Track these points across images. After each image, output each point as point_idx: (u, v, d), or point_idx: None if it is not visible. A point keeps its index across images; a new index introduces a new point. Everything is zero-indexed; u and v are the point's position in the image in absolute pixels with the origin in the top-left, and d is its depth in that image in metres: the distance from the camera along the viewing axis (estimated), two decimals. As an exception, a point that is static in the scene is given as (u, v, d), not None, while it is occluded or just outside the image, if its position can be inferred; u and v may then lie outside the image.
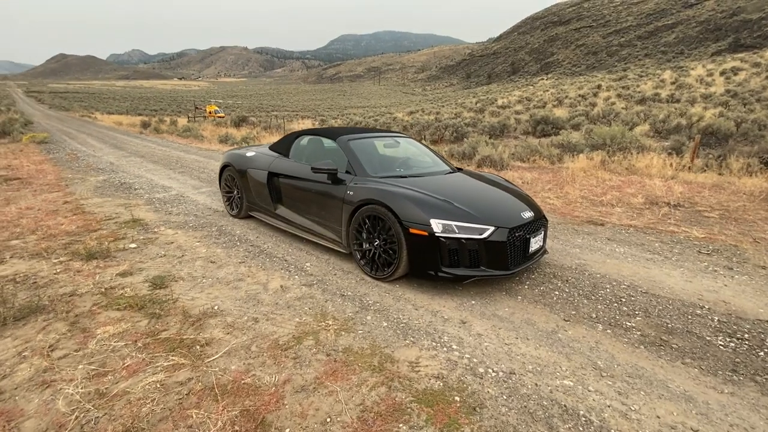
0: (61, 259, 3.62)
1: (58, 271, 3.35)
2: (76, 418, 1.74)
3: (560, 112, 23.76)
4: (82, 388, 1.93)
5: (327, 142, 4.26)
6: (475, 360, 2.25)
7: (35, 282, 3.14)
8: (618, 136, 11.45)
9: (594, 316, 2.78)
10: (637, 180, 7.77)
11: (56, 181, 7.63)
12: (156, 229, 4.60)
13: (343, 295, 3.03)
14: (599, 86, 32.79)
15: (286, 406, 1.86)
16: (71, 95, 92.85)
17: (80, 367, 2.10)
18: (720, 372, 2.18)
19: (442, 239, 2.92)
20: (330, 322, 2.61)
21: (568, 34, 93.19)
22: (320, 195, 3.78)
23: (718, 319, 2.71)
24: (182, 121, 31.99)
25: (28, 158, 10.59)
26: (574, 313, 2.82)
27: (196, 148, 14.58)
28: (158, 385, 1.97)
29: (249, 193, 4.78)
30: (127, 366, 2.11)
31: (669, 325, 2.65)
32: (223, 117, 40.51)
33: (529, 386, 2.04)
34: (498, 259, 3.01)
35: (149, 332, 2.44)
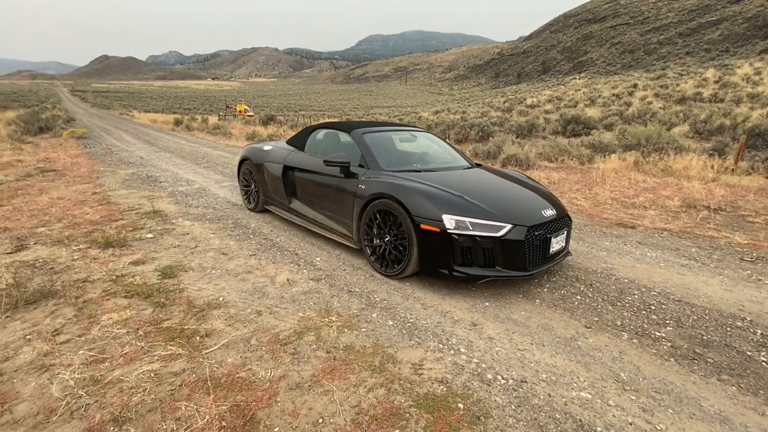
0: (81, 246, 3.70)
1: (75, 258, 3.43)
2: (67, 403, 1.72)
3: (592, 112, 22.83)
4: (78, 374, 1.92)
5: (343, 136, 4.18)
6: (483, 365, 2.09)
7: (52, 268, 3.21)
8: (654, 137, 10.84)
9: (619, 323, 2.55)
10: (673, 182, 7.29)
11: (88, 174, 7.94)
12: (174, 221, 4.66)
13: (351, 291, 2.94)
14: (635, 85, 31.28)
15: (279, 404, 1.77)
16: (112, 94, 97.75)
17: (80, 352, 2.10)
18: (762, 392, 1.93)
19: (455, 236, 2.76)
20: (334, 318, 2.52)
21: (603, 31, 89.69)
22: (332, 189, 3.70)
23: (762, 333, 2.42)
24: (213, 119, 32.98)
25: (66, 152, 11.13)
26: (596, 319, 2.60)
27: (223, 144, 14.92)
28: (152, 375, 1.93)
29: (265, 186, 4.77)
30: (125, 353, 2.09)
31: (704, 337, 2.40)
32: (253, 116, 41.48)
33: (542, 397, 1.87)
34: (515, 259, 2.83)
35: (152, 321, 2.42)
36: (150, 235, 4.08)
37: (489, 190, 3.28)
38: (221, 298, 2.75)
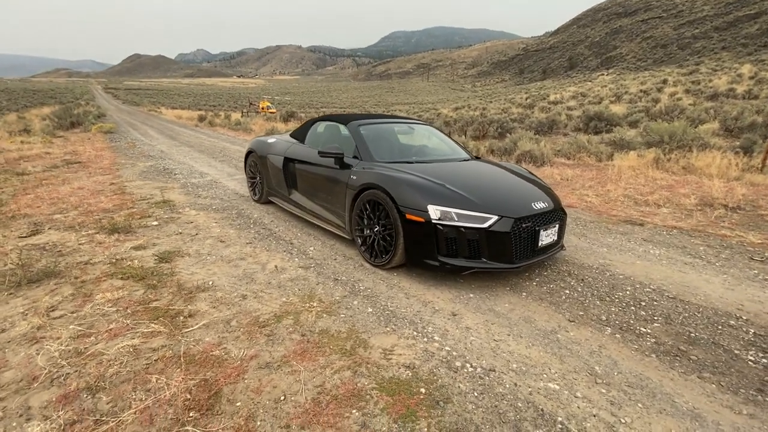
0: (89, 232, 3.89)
1: (82, 242, 3.61)
2: (49, 372, 1.84)
3: (617, 108, 22.06)
4: (64, 346, 2.04)
5: (342, 128, 4.22)
6: (454, 353, 2.09)
7: (60, 251, 3.39)
8: (678, 133, 10.39)
9: (604, 318, 2.49)
10: (693, 180, 6.99)
11: (110, 166, 8.30)
12: (181, 210, 4.82)
13: (337, 279, 2.98)
14: (665, 81, 30.00)
15: (245, 381, 1.83)
16: (142, 92, 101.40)
17: (70, 327, 2.22)
18: (742, 390, 1.85)
19: (440, 227, 2.76)
20: (315, 304, 2.56)
21: (633, 26, 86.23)
22: (327, 180, 3.75)
23: (755, 332, 2.31)
24: (236, 116, 33.68)
25: (92, 145, 11.66)
26: (581, 314, 2.55)
27: (242, 140, 15.25)
28: (131, 349, 2.02)
29: (268, 178, 4.87)
30: (111, 329, 2.20)
31: (692, 335, 2.31)
32: (275, 113, 42.15)
33: (507, 385, 1.86)
34: (501, 252, 2.80)
35: (141, 301, 2.53)
36: (155, 223, 4.24)
37: (480, 181, 3.25)
38: (211, 282, 2.84)
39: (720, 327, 2.38)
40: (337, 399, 1.73)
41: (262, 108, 51.48)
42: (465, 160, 3.90)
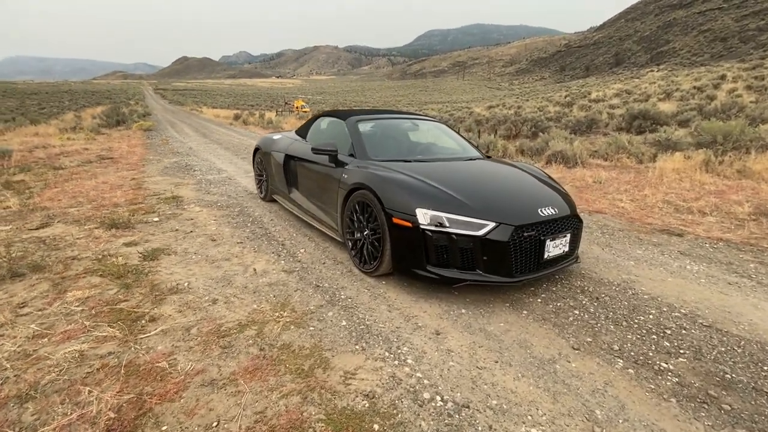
0: (90, 226, 3.92)
1: (80, 236, 3.62)
2: (-14, 376, 1.74)
3: (666, 106, 20.41)
4: (16, 347, 1.95)
5: (344, 124, 4.00)
6: (425, 381, 1.80)
7: (56, 244, 3.41)
8: (735, 133, 9.35)
9: (617, 348, 2.10)
10: (749, 185, 6.20)
11: (137, 162, 8.57)
12: (186, 206, 4.80)
13: (318, 286, 2.75)
14: (723, 77, 27.45)
15: (182, 400, 1.64)
16: (188, 92, 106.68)
17: (31, 326, 2.14)
18: (787, 460, 1.43)
19: (429, 233, 2.46)
20: (286, 314, 2.35)
21: (689, 18, 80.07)
22: (322, 178, 3.55)
23: (812, 379, 1.85)
24: (270, 115, 34.51)
25: (128, 142, 12.19)
26: (589, 340, 2.17)
27: (269, 137, 15.47)
28: (78, 354, 1.90)
29: (271, 176, 4.75)
30: (67, 331, 2.09)
31: (727, 376, 1.88)
32: (308, 111, 42.86)
33: (479, 428, 1.55)
34: (499, 263, 2.46)
35: (110, 301, 2.43)
36: (156, 219, 4.22)
37: (482, 183, 2.91)
38: (187, 284, 2.71)
39: (766, 368, 1.93)
40: (274, 430, 1.50)
41: (296, 107, 52.53)
42: (472, 159, 3.56)
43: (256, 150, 5.24)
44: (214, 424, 1.53)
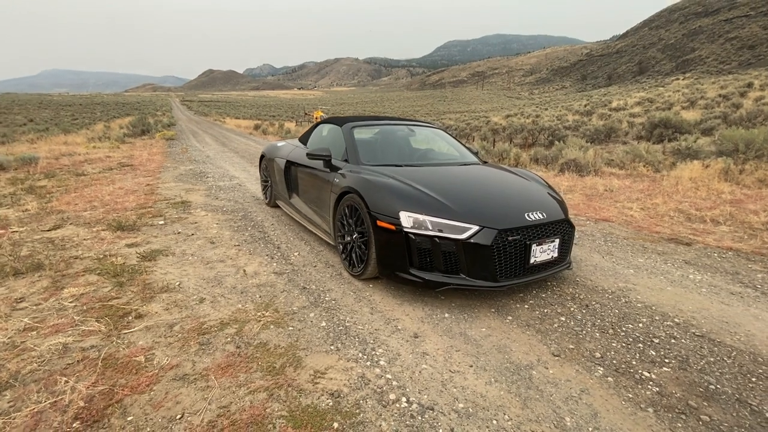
0: (99, 228, 4.08)
1: (87, 238, 3.77)
2: (-26, 364, 1.83)
3: (689, 115, 19.78)
4: (5, 338, 2.05)
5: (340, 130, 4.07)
6: (394, 383, 1.79)
7: (64, 245, 3.57)
8: (758, 141, 8.99)
9: (598, 355, 2.04)
10: (769, 194, 5.93)
11: (155, 169, 8.89)
12: (192, 211, 4.94)
13: (305, 288, 2.78)
14: (750, 85, 26.47)
15: (151, 393, 1.69)
16: (213, 104, 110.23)
17: (24, 320, 2.25)
18: (761, 476, 1.35)
19: (412, 236, 2.46)
20: (268, 314, 2.39)
21: (715, 25, 77.75)
22: (316, 182, 3.60)
23: (803, 393, 1.74)
24: (289, 125, 35.27)
25: (149, 150, 12.67)
26: (571, 347, 2.11)
27: (284, 146, 15.79)
28: (61, 347, 1.98)
29: (274, 181, 4.85)
30: (56, 324, 2.18)
31: (711, 386, 1.79)
32: (326, 121, 43.52)
33: (441, 430, 1.52)
34: (483, 267, 2.43)
35: (102, 298, 2.52)
36: (161, 222, 4.36)
37: (469, 188, 2.89)
38: (178, 284, 2.79)
39: (754, 379, 1.83)
40: (234, 425, 1.52)
41: (316, 117, 53.52)
42: (467, 165, 3.54)
43: (262, 157, 5.37)
44: (178, 416, 1.57)
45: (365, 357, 1.98)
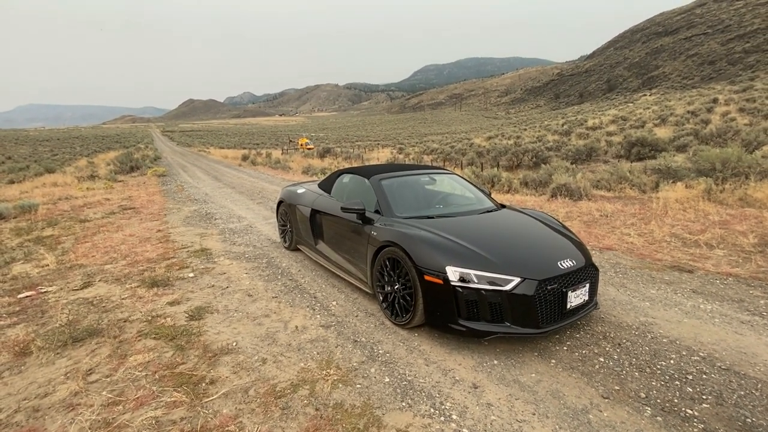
0: (132, 285, 4.17)
1: (125, 297, 3.86)
2: (77, 446, 1.93)
3: (662, 132, 20.98)
4: (95, 415, 2.15)
5: (366, 181, 4.32)
6: (472, 436, 1.98)
7: (104, 306, 3.65)
8: (732, 160, 9.67)
9: (643, 395, 2.27)
10: (752, 214, 6.41)
11: (159, 211, 8.94)
12: (216, 259, 5.06)
13: (356, 341, 2.95)
14: (715, 100, 28.31)
15: (256, 464, 1.83)
16: (194, 133, 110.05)
17: (103, 393, 2.35)
18: (811, 505, 1.58)
19: (459, 289, 2.69)
20: (332, 371, 2.55)
21: (676, 44, 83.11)
22: (350, 233, 3.82)
23: (827, 422, 2.00)
24: (276, 154, 35.57)
25: (146, 190, 12.66)
26: (617, 388, 2.34)
27: (280, 178, 15.97)
28: (153, 422, 2.09)
29: (297, 227, 5.04)
30: (138, 397, 2.29)
31: (748, 420, 2.04)
32: (312, 149, 44.03)
33: (528, 482, 1.72)
34: (526, 315, 2.67)
35: (169, 364, 2.64)
36: (191, 275, 4.47)
37: (502, 238, 3.17)
38: (235, 344, 2.92)
39: (783, 411, 2.09)
40: (345, 491, 1.67)
41: (301, 145, 53.96)
42: (488, 211, 3.83)
43: (280, 203, 5.56)
44: (290, 486, 1.71)
45: (437, 412, 2.16)
